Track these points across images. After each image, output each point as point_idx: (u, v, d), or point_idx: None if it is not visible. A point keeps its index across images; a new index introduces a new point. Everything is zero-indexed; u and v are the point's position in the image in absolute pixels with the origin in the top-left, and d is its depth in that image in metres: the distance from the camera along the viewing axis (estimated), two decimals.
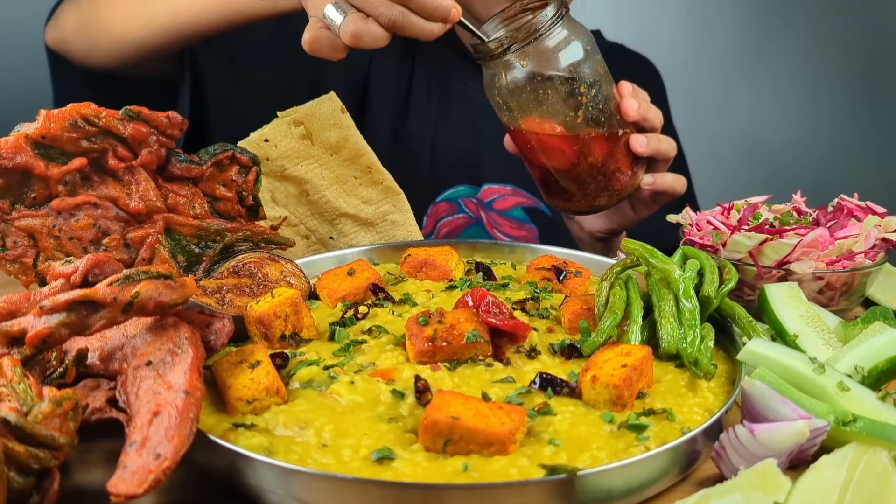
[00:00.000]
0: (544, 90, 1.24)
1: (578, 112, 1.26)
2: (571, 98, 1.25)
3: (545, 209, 1.84)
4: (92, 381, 0.89)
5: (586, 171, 1.31)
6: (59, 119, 1.06)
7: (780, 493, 0.76)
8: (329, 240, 1.38)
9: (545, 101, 1.25)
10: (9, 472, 0.71)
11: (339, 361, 0.96)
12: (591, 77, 1.26)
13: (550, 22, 1.22)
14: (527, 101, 1.26)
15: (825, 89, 3.21)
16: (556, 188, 1.36)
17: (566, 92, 1.25)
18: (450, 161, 1.81)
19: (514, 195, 1.83)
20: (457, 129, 1.82)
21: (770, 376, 0.90)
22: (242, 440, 0.82)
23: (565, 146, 1.28)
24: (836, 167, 3.20)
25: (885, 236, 1.21)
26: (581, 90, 1.25)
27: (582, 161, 1.29)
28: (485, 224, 1.82)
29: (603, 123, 1.28)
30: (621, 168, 1.32)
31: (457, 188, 1.82)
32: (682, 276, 1.03)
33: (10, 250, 1.09)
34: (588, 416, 0.87)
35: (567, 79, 1.24)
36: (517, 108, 1.28)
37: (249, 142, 1.29)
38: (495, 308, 1.00)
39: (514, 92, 1.26)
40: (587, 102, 1.26)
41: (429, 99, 1.81)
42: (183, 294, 0.87)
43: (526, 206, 1.84)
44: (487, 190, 1.83)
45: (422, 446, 0.81)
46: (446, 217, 1.82)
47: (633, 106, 1.29)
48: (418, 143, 1.81)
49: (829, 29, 3.17)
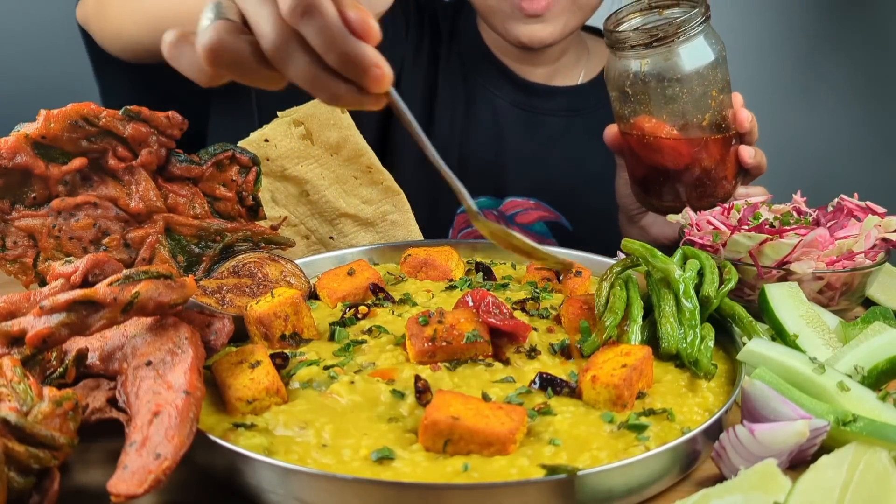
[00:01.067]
0: (679, 89, 1.25)
1: (705, 115, 1.27)
2: (702, 100, 1.26)
3: (567, 223, 1.81)
4: (92, 381, 0.89)
5: (698, 174, 1.31)
6: (59, 119, 1.06)
7: (780, 493, 0.76)
8: (329, 240, 1.38)
9: (677, 99, 1.25)
10: (9, 472, 0.71)
11: (339, 361, 0.96)
12: (721, 83, 1.27)
13: (699, 22, 1.23)
14: (657, 97, 1.26)
15: (825, 89, 3.21)
16: (658, 188, 1.35)
17: (699, 94, 1.26)
18: (473, 172, 1.78)
19: (537, 209, 1.80)
20: (481, 139, 1.79)
21: (770, 376, 0.90)
22: (242, 440, 0.82)
23: (685, 147, 1.29)
24: (835, 167, 3.20)
25: (885, 236, 1.21)
26: (712, 94, 1.27)
27: (697, 163, 1.30)
28: None
29: (723, 130, 1.30)
30: (727, 176, 1.33)
31: (479, 200, 1.79)
32: (682, 276, 1.03)
33: (10, 250, 1.10)
34: (588, 416, 0.87)
35: (703, 81, 1.25)
36: (644, 101, 1.27)
37: (249, 142, 1.29)
38: (495, 308, 1.00)
39: (647, 85, 1.26)
40: (714, 107, 1.27)
41: (454, 108, 1.78)
42: (183, 294, 0.87)
43: (548, 221, 1.81)
44: (510, 203, 1.80)
45: (422, 446, 0.81)
46: (466, 228, 1.79)
47: (747, 117, 1.30)
48: (444, 153, 1.78)
49: (829, 28, 3.17)
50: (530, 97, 1.79)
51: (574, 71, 1.84)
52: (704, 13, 1.23)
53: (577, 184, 1.79)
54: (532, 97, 1.79)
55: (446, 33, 1.81)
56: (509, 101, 1.79)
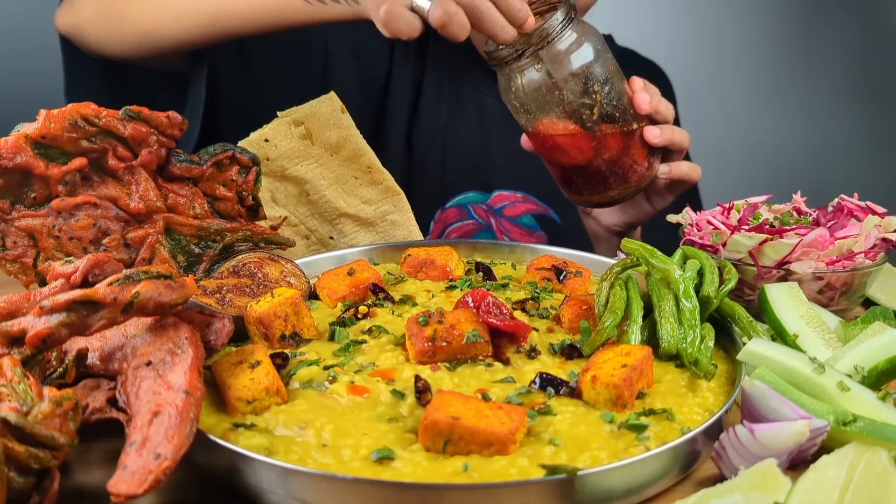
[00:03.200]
0: (559, 91, 1.29)
1: (594, 110, 1.30)
2: (586, 96, 1.30)
3: (555, 216, 1.84)
4: (92, 381, 0.89)
5: (604, 166, 1.34)
6: (59, 119, 1.06)
7: (780, 493, 0.76)
8: (329, 240, 1.38)
9: (561, 101, 1.29)
10: (9, 472, 0.71)
11: (339, 361, 0.96)
12: (603, 75, 1.30)
13: (561, 25, 1.26)
14: (543, 103, 1.30)
15: (826, 89, 3.21)
16: (576, 184, 1.39)
17: (580, 91, 1.29)
18: (460, 167, 1.82)
19: (525, 202, 1.83)
20: (468, 134, 1.83)
21: (770, 376, 0.90)
22: (242, 440, 0.82)
23: (583, 143, 1.32)
24: (836, 167, 3.20)
25: (885, 236, 1.21)
26: (595, 88, 1.30)
27: (599, 156, 1.34)
28: (494, 230, 1.82)
29: (618, 119, 1.32)
30: (637, 160, 1.35)
31: (467, 194, 1.82)
32: (682, 276, 1.03)
33: (10, 250, 1.09)
34: (588, 416, 0.87)
35: (581, 78, 1.29)
36: (534, 109, 1.32)
37: (249, 142, 1.29)
38: (496, 308, 1.00)
39: (530, 94, 1.30)
40: (601, 100, 1.30)
41: (439, 104, 1.81)
42: (183, 294, 0.87)
43: (536, 213, 1.84)
44: (497, 196, 1.83)
45: (422, 446, 0.81)
46: (455, 223, 1.82)
47: (644, 99, 1.33)
48: (428, 148, 1.80)
49: (830, 29, 3.17)
50: None
51: None
52: (567, 13, 1.27)
53: None
54: None
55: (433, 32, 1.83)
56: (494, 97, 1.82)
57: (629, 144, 1.34)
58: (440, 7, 1.17)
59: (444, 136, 1.81)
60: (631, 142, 1.34)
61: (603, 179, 1.36)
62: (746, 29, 3.25)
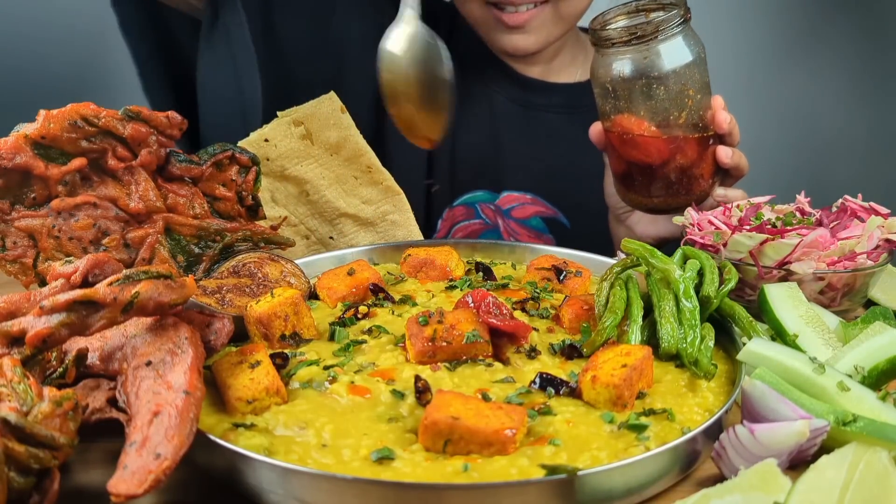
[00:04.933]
0: (657, 86, 1.30)
1: (682, 113, 1.32)
2: (679, 99, 1.31)
3: (564, 220, 1.83)
4: (92, 381, 0.89)
5: (674, 171, 1.35)
6: (59, 119, 1.06)
7: (780, 493, 0.76)
8: (329, 240, 1.38)
9: (655, 97, 1.30)
10: (9, 472, 0.71)
11: (339, 361, 0.96)
12: (699, 83, 1.32)
13: (677, 23, 1.28)
14: (637, 94, 1.31)
15: (829, 88, 3.21)
16: (639, 184, 1.40)
17: (676, 92, 1.31)
18: (469, 165, 1.81)
19: (534, 204, 1.82)
20: (478, 133, 1.82)
21: (770, 376, 0.90)
22: (242, 440, 0.82)
23: (662, 144, 1.33)
24: (839, 167, 3.20)
25: (888, 237, 1.21)
26: (689, 94, 1.31)
27: (674, 160, 1.35)
28: (501, 231, 1.81)
29: (700, 129, 1.34)
30: (704, 174, 1.37)
31: (475, 193, 1.82)
32: (682, 276, 1.03)
33: (10, 250, 1.09)
34: (588, 416, 0.87)
35: (680, 80, 1.30)
36: (625, 98, 1.33)
37: (249, 142, 1.29)
38: (495, 308, 1.00)
39: (626, 83, 1.31)
40: (691, 106, 1.32)
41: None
42: (183, 294, 0.87)
43: (545, 216, 1.83)
44: (507, 197, 1.82)
45: (422, 446, 0.81)
46: (462, 221, 1.81)
47: (725, 118, 1.34)
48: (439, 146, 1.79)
49: (833, 28, 3.17)
50: (527, 93, 1.82)
51: (571, 68, 1.85)
52: (683, 15, 1.29)
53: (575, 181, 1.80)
54: (529, 93, 1.82)
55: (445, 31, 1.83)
56: (506, 97, 1.82)
57: (703, 156, 1.35)
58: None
59: (454, 135, 1.80)
60: (704, 155, 1.36)
61: (668, 184, 1.37)
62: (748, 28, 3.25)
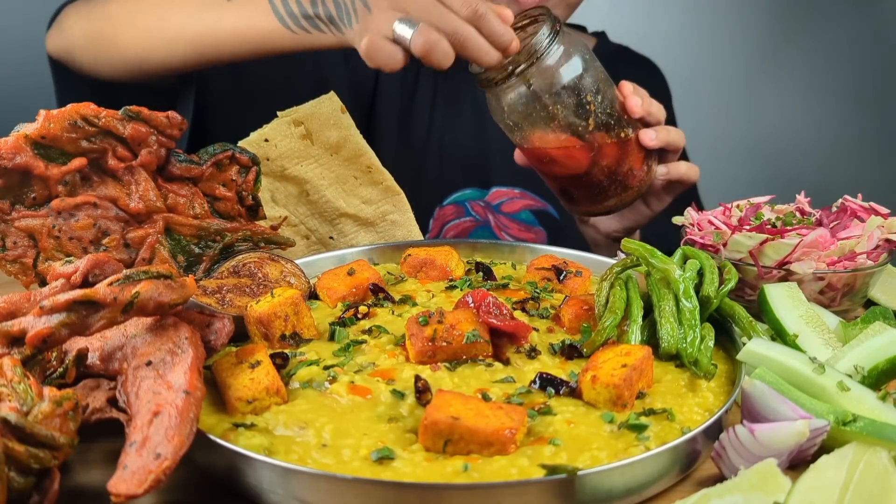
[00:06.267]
0: (552, 106, 1.27)
1: (588, 120, 1.29)
2: (579, 108, 1.28)
3: (553, 211, 1.84)
4: (92, 381, 0.89)
5: (603, 175, 1.33)
6: (59, 119, 1.06)
7: (780, 493, 0.76)
8: (329, 240, 1.38)
9: (554, 116, 1.28)
10: (9, 472, 0.71)
11: (339, 361, 0.96)
12: (594, 85, 1.29)
13: (548, 41, 1.24)
14: (536, 119, 1.29)
15: (829, 89, 3.21)
16: (576, 196, 1.38)
17: (574, 104, 1.28)
18: (457, 164, 1.82)
19: (523, 198, 1.83)
20: (465, 131, 1.83)
21: (770, 376, 0.90)
22: (242, 440, 0.82)
23: (579, 154, 1.31)
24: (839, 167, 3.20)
25: (888, 237, 1.21)
26: (587, 99, 1.28)
27: (597, 166, 1.32)
28: (492, 227, 1.82)
29: (612, 126, 1.31)
30: (634, 166, 1.34)
31: (464, 191, 1.83)
32: (682, 276, 1.03)
33: (10, 250, 1.09)
34: (588, 416, 0.87)
35: (572, 91, 1.27)
36: (527, 126, 1.30)
37: (249, 142, 1.29)
38: (496, 308, 1.00)
39: (521, 112, 1.29)
40: (595, 109, 1.29)
41: (435, 101, 1.82)
42: (183, 294, 0.87)
43: (534, 209, 1.84)
44: (495, 193, 1.83)
45: (422, 446, 0.81)
46: (453, 220, 1.82)
47: (637, 103, 1.32)
48: (425, 145, 1.81)
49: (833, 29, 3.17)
50: None
51: None
52: (551, 29, 1.24)
53: None
54: None
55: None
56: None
57: (626, 150, 1.33)
58: (422, 36, 1.15)
59: (440, 134, 1.81)
60: (627, 148, 1.33)
61: (603, 189, 1.35)
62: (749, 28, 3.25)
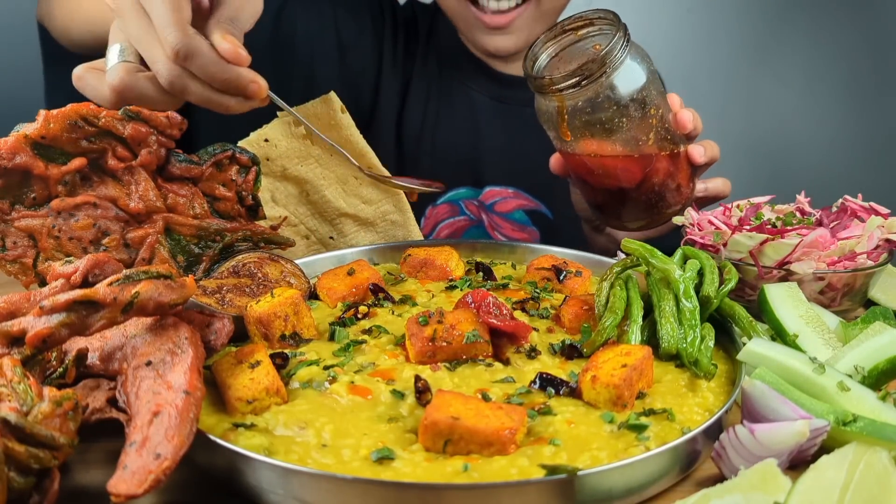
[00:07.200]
0: (618, 118, 1.20)
1: (650, 135, 1.22)
2: (642, 121, 1.21)
3: (546, 211, 1.84)
4: (92, 381, 0.89)
5: (653, 191, 1.27)
6: (59, 119, 1.06)
7: (780, 493, 0.76)
8: (329, 240, 1.38)
9: (618, 127, 1.20)
10: (9, 472, 0.71)
11: (339, 361, 0.96)
12: (658, 97, 1.23)
13: (622, 47, 1.17)
14: (596, 129, 1.21)
15: (828, 89, 3.21)
16: (618, 209, 1.32)
17: (638, 116, 1.21)
18: (451, 163, 1.82)
19: (516, 197, 1.84)
20: (458, 131, 1.84)
21: (770, 376, 0.90)
22: (242, 440, 0.82)
23: (635, 168, 1.24)
24: (840, 167, 3.20)
25: (888, 237, 1.21)
26: (651, 112, 1.22)
27: (649, 181, 1.26)
28: (486, 226, 1.83)
29: (668, 140, 1.26)
30: (682, 182, 1.29)
31: (458, 190, 1.83)
32: (682, 276, 1.03)
33: (10, 250, 1.09)
34: (588, 416, 0.87)
35: (639, 104, 1.20)
36: (584, 134, 1.22)
37: (249, 142, 1.29)
38: (496, 308, 1.00)
39: (582, 121, 1.21)
40: (657, 124, 1.23)
41: (428, 101, 1.82)
42: (183, 294, 0.87)
43: (527, 209, 1.85)
44: (489, 192, 1.84)
45: (422, 446, 0.81)
46: (447, 219, 1.83)
47: (688, 117, 1.26)
48: (418, 145, 1.81)
49: (832, 28, 3.17)
50: (506, 89, 1.84)
51: None
52: (625, 36, 1.18)
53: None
54: (508, 89, 1.84)
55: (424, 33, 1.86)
56: (486, 94, 1.84)
57: (677, 166, 1.27)
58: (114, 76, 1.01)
59: (433, 133, 1.82)
60: (679, 163, 1.27)
61: (651, 204, 1.28)
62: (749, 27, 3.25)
